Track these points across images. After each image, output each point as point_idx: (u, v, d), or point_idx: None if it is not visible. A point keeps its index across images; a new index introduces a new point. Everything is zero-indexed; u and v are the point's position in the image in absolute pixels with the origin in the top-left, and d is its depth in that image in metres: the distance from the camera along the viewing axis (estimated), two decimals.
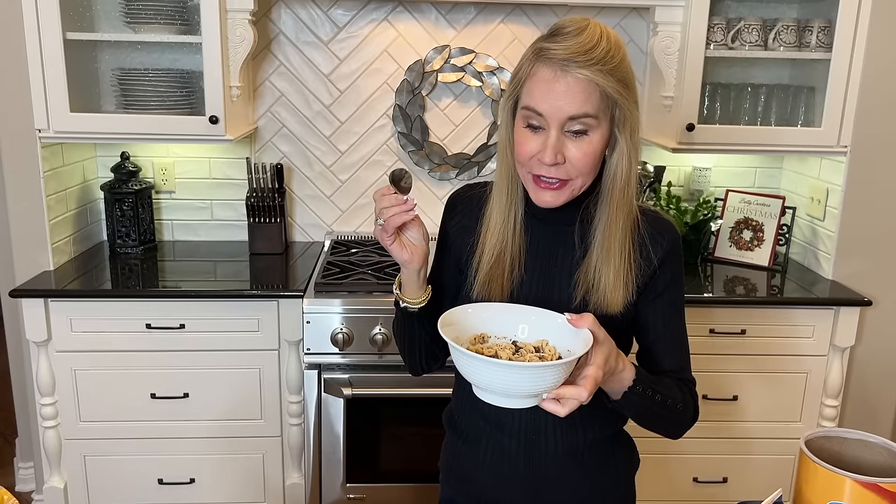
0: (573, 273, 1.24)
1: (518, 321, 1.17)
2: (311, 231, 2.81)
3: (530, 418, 1.27)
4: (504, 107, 1.21)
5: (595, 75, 1.10)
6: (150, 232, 2.65)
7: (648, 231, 1.24)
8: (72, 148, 2.49)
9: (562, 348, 1.12)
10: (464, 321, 1.17)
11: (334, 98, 2.70)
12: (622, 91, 1.13)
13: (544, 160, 1.13)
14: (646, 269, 1.23)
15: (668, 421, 1.24)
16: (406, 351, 1.35)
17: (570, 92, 1.10)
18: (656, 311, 1.26)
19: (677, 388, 1.24)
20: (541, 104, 1.12)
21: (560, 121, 1.12)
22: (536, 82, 1.13)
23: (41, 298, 2.18)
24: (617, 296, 1.20)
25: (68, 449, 2.30)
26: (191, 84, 2.41)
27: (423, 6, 2.62)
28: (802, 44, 2.39)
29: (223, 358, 2.27)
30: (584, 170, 1.15)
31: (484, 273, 1.24)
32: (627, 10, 2.63)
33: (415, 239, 1.20)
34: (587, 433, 1.28)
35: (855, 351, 2.43)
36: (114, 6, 2.41)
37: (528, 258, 1.26)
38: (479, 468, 1.32)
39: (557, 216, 1.24)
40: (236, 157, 2.70)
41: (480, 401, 1.08)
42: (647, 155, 2.75)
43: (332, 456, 2.26)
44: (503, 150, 1.23)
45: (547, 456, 1.28)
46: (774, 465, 2.43)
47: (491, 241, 1.25)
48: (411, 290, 1.24)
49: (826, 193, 2.49)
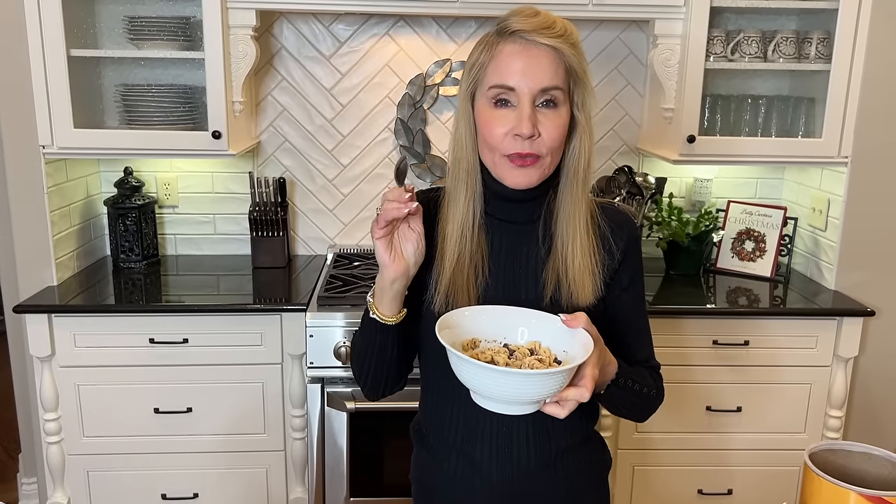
0: (539, 271, 1.23)
1: (518, 325, 1.15)
2: (313, 244, 2.81)
3: (501, 430, 1.25)
4: (463, 98, 1.20)
5: (561, 45, 1.14)
6: (153, 246, 2.65)
7: (608, 224, 1.25)
8: (75, 163, 2.50)
9: (556, 349, 1.10)
10: (461, 325, 1.14)
11: (336, 112, 2.71)
12: (583, 68, 1.17)
13: (522, 131, 1.13)
14: (609, 262, 1.24)
15: (642, 408, 1.29)
16: (371, 368, 1.25)
17: (540, 63, 1.13)
18: (625, 304, 1.27)
19: (650, 376, 1.28)
20: (511, 77, 1.14)
21: (532, 92, 1.14)
22: (504, 57, 1.15)
23: (45, 314, 2.19)
24: (586, 287, 1.20)
25: (71, 464, 2.30)
26: (193, 99, 2.43)
27: (423, 20, 2.64)
28: (802, 55, 2.40)
29: (226, 372, 2.27)
30: (554, 144, 1.16)
31: (446, 280, 1.20)
32: (627, 22, 2.65)
33: (407, 252, 1.15)
34: (560, 441, 1.27)
35: (859, 361, 2.43)
36: (117, 23, 2.43)
37: (490, 261, 1.23)
38: (450, 481, 1.29)
39: (519, 213, 1.24)
40: (239, 172, 2.72)
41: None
42: (648, 167, 2.75)
43: (335, 470, 2.26)
44: (461, 145, 1.21)
45: (519, 467, 1.25)
46: (780, 477, 2.42)
47: (450, 247, 1.21)
48: (384, 302, 1.18)
49: (827, 204, 2.49)
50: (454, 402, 1.26)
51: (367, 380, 1.28)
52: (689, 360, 2.32)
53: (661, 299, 2.41)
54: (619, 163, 2.72)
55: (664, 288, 2.52)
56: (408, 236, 1.16)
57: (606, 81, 2.71)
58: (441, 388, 1.26)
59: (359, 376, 1.29)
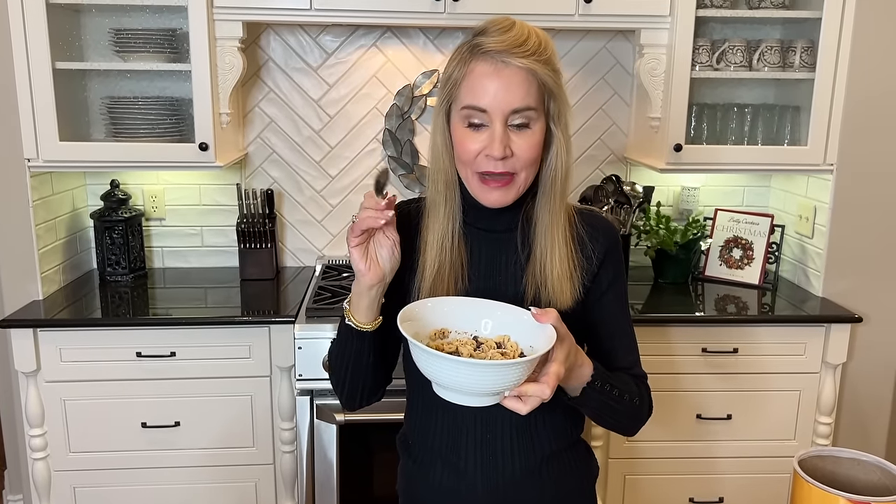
0: (519, 278, 1.23)
1: (481, 316, 1.15)
2: (302, 256, 2.81)
3: (486, 438, 1.25)
4: (438, 112, 1.21)
5: (533, 65, 1.12)
6: (140, 259, 2.64)
7: (585, 229, 1.25)
8: (61, 176, 2.48)
9: (524, 344, 1.10)
10: (424, 317, 1.13)
11: (324, 123, 2.71)
12: (557, 82, 1.16)
13: (494, 154, 1.13)
14: (587, 266, 1.24)
15: (625, 416, 1.23)
16: (348, 375, 1.24)
17: (512, 84, 1.12)
18: (603, 309, 1.27)
19: (633, 383, 1.24)
20: (482, 99, 1.13)
21: (504, 114, 1.13)
22: (476, 78, 1.14)
23: (30, 328, 2.17)
24: (565, 291, 1.20)
25: (58, 480, 2.27)
26: (180, 111, 2.42)
27: (411, 32, 2.65)
28: (786, 64, 2.42)
29: (214, 385, 2.25)
30: (528, 162, 1.16)
31: (427, 289, 1.21)
32: (613, 32, 2.66)
33: (382, 259, 1.15)
34: (544, 448, 1.27)
35: (847, 367, 2.44)
36: (103, 35, 2.43)
37: (470, 271, 1.24)
38: (436, 491, 1.29)
39: (497, 222, 1.24)
40: (226, 184, 2.71)
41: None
42: (635, 175, 2.76)
43: (325, 483, 2.24)
44: (438, 158, 1.21)
45: (504, 475, 1.25)
46: (770, 484, 2.42)
47: (430, 257, 1.21)
48: (360, 309, 1.18)
49: (814, 211, 2.51)
50: (438, 411, 1.27)
51: (343, 388, 1.27)
52: (679, 368, 2.33)
53: (650, 308, 2.41)
54: (607, 172, 2.73)
55: (653, 296, 2.53)
56: (383, 243, 1.16)
57: (593, 91, 2.73)
58: (425, 397, 1.26)
59: (336, 384, 1.29)
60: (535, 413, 1.23)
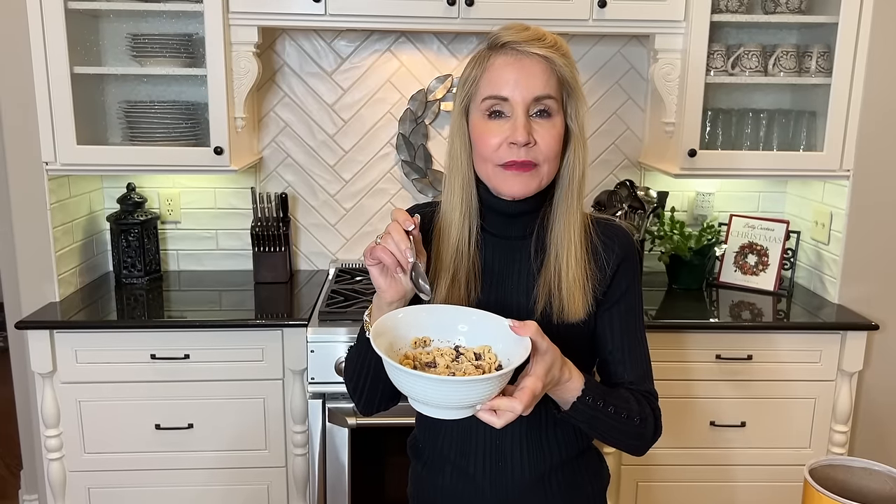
0: (531, 286, 1.22)
1: (457, 322, 1.12)
2: (315, 259, 2.82)
3: (495, 444, 1.24)
4: (457, 114, 1.21)
5: (553, 54, 1.15)
6: (155, 262, 2.66)
7: (600, 238, 1.23)
8: (78, 180, 2.51)
9: (503, 356, 1.07)
10: (397, 328, 1.11)
11: (338, 128, 2.72)
12: (575, 78, 1.18)
13: (518, 139, 1.14)
14: (601, 277, 1.22)
15: (621, 434, 1.18)
16: (367, 385, 1.24)
17: (532, 73, 1.14)
18: (612, 321, 1.24)
19: (634, 400, 1.19)
20: (504, 87, 1.15)
21: (525, 102, 1.14)
22: (496, 69, 1.16)
23: (47, 330, 2.19)
24: (577, 302, 1.19)
25: (73, 481, 2.29)
26: (196, 116, 2.44)
27: (425, 37, 2.65)
28: (802, 69, 2.40)
29: (227, 388, 2.26)
30: (549, 154, 1.17)
31: (441, 297, 1.20)
32: (628, 37, 2.66)
33: (402, 278, 1.13)
34: (553, 455, 1.26)
35: (863, 375, 2.41)
36: (120, 40, 2.46)
37: (483, 276, 1.24)
38: (445, 496, 1.29)
39: (512, 228, 1.24)
40: (241, 187, 2.72)
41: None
42: (649, 181, 2.75)
43: (337, 486, 2.25)
44: (456, 158, 1.22)
45: (514, 482, 1.25)
46: (784, 493, 2.40)
47: (445, 264, 1.21)
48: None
49: (830, 217, 2.49)
50: None
51: (361, 396, 1.27)
52: (692, 374, 2.31)
53: (664, 314, 2.40)
54: (621, 177, 2.73)
55: (667, 302, 2.52)
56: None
57: (608, 96, 2.72)
58: None
59: (353, 392, 1.28)
60: (546, 420, 1.23)
